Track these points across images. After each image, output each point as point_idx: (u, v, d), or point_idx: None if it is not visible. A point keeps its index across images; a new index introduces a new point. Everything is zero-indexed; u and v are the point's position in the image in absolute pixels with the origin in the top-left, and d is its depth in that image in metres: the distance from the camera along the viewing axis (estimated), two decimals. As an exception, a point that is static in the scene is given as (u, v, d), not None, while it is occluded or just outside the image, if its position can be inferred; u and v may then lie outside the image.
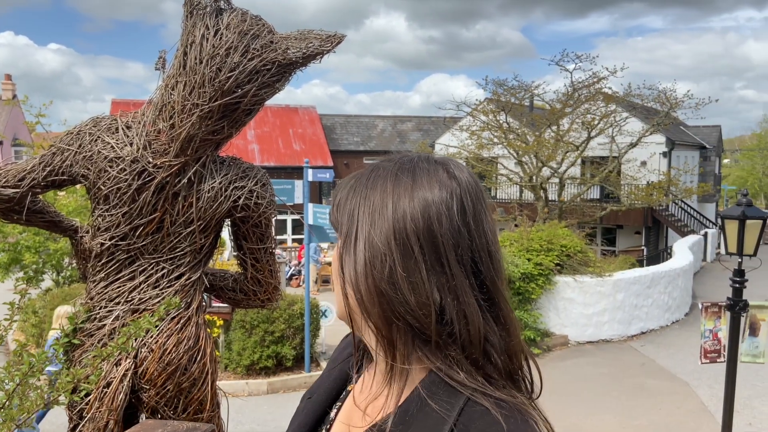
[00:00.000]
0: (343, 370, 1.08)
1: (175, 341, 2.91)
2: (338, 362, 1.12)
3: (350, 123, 33.03)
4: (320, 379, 1.13)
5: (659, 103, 18.40)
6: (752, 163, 56.36)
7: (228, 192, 2.92)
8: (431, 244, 0.85)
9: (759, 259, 5.25)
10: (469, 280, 0.87)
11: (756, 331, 5.17)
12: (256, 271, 3.18)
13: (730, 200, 50.00)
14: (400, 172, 0.90)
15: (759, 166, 55.77)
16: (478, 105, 18.89)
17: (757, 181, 54.65)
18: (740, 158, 59.68)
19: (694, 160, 27.45)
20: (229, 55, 2.72)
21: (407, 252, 0.84)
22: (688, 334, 11.38)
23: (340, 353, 1.14)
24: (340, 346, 1.16)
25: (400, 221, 0.85)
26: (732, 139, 67.25)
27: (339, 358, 1.13)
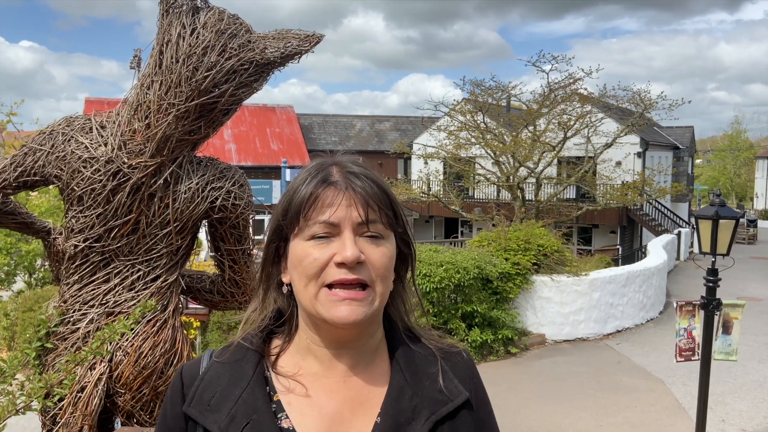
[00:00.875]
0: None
1: (151, 344, 2.87)
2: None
3: (328, 122, 32.93)
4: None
5: (634, 104, 18.62)
6: (724, 163, 57.43)
7: (205, 193, 2.88)
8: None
9: (732, 258, 5.34)
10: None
11: (729, 329, 5.26)
12: (234, 272, 3.15)
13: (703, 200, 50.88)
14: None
15: (730, 166, 56.85)
16: (455, 105, 18.95)
17: (729, 181, 55.69)
18: (712, 158, 60.75)
19: (667, 160, 27.86)
20: (206, 54, 2.69)
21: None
22: (663, 332, 11.54)
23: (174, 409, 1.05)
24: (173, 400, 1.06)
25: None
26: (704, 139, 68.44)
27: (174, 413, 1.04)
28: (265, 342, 1.06)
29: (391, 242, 1.00)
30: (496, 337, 9.64)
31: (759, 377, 9.04)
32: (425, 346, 1.09)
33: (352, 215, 0.95)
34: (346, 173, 0.99)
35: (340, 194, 0.96)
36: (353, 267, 0.94)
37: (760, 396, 8.33)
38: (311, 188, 0.98)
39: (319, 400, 1.00)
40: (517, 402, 7.96)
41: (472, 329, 9.53)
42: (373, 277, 0.96)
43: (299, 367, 1.02)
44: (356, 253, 0.93)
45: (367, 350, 1.04)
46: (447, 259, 9.45)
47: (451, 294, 9.53)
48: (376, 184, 0.98)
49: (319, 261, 0.95)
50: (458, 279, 9.20)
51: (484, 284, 9.93)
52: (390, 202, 0.99)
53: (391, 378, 1.03)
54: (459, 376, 1.07)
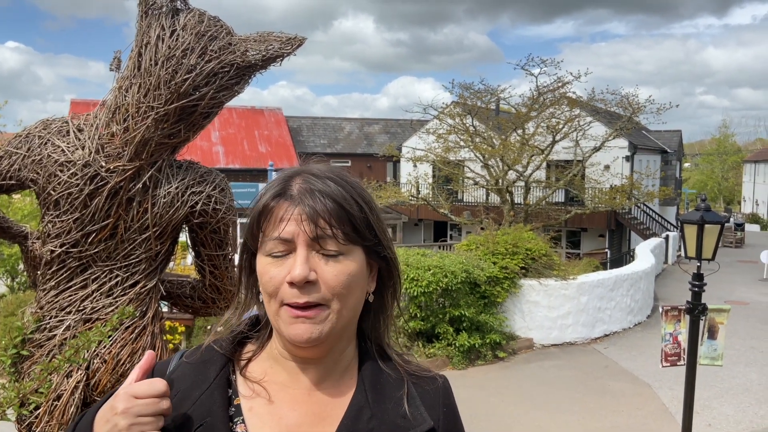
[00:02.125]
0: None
1: (129, 351, 2.82)
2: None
3: (317, 125, 32.87)
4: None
5: (622, 108, 18.72)
6: (711, 167, 57.89)
7: (185, 197, 2.84)
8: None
9: (717, 263, 5.35)
10: None
11: (714, 334, 5.26)
12: (215, 278, 3.10)
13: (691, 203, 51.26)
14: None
15: (718, 170, 57.30)
16: (444, 108, 18.96)
17: (716, 184, 56.15)
18: (700, 162, 61.23)
19: (655, 164, 28.01)
20: (186, 56, 2.65)
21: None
22: (651, 336, 11.56)
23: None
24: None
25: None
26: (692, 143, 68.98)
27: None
28: (237, 347, 1.05)
29: (354, 258, 0.96)
30: (483, 341, 9.61)
31: (745, 381, 9.08)
32: (396, 368, 1.06)
33: (303, 232, 0.92)
34: (305, 187, 0.95)
35: (292, 209, 0.93)
36: (304, 287, 0.91)
37: (747, 400, 8.35)
38: (265, 201, 0.96)
39: (281, 409, 0.99)
40: (504, 407, 7.94)
41: (460, 333, 9.50)
42: (328, 296, 0.93)
43: (266, 374, 1.01)
44: (303, 273, 0.90)
45: (337, 366, 1.02)
46: (435, 263, 9.42)
47: (438, 298, 9.50)
48: (332, 199, 0.93)
49: (275, 280, 0.93)
50: (446, 283, 9.17)
51: (472, 288, 9.91)
52: (348, 216, 0.94)
53: (353, 396, 1.00)
54: (427, 403, 1.04)
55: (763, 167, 46.72)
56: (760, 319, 13.00)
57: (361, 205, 0.96)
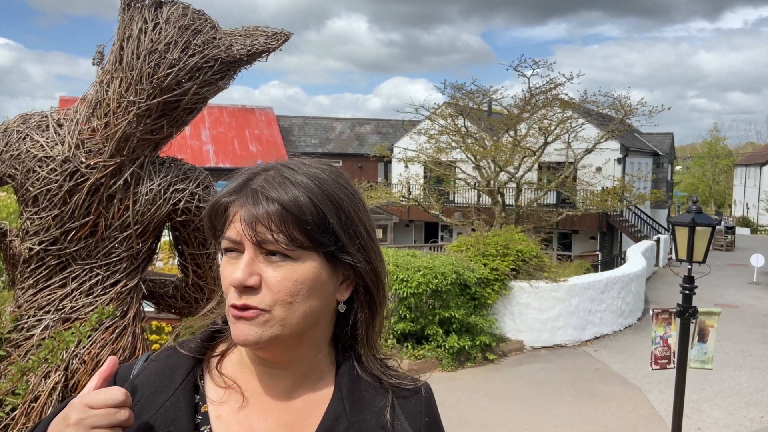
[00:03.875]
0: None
1: (109, 352, 2.76)
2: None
3: (308, 125, 32.78)
4: None
5: (614, 110, 18.75)
6: (703, 170, 58.20)
7: (167, 195, 2.78)
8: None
9: (708, 266, 5.32)
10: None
11: (705, 337, 5.24)
12: (198, 277, 3.05)
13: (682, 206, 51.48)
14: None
15: (709, 173, 57.62)
16: (436, 109, 18.93)
17: (708, 188, 56.45)
18: (691, 165, 61.54)
19: (647, 166, 28.08)
20: (169, 50, 2.59)
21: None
22: (641, 339, 11.56)
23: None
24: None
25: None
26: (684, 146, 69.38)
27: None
28: (208, 345, 0.99)
29: (306, 263, 0.88)
30: (473, 343, 9.57)
31: (735, 384, 9.08)
32: (376, 377, 1.00)
33: (246, 235, 0.87)
34: (255, 188, 0.89)
35: (236, 210, 0.88)
36: (244, 290, 0.86)
37: (736, 403, 8.35)
38: (220, 196, 0.91)
39: (251, 418, 0.93)
40: (494, 409, 7.90)
41: (450, 335, 9.46)
42: (269, 301, 0.87)
43: (237, 378, 0.96)
44: (241, 278, 0.85)
45: (310, 374, 0.97)
46: (425, 264, 9.37)
47: (428, 299, 9.45)
48: (278, 202, 0.86)
49: (226, 280, 0.89)
50: (436, 284, 9.12)
51: (462, 290, 9.86)
52: (296, 220, 0.86)
53: (329, 405, 0.95)
54: (408, 413, 1.00)
55: (753, 171, 46.98)
56: (750, 322, 13.03)
57: (321, 207, 0.89)
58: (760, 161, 45.68)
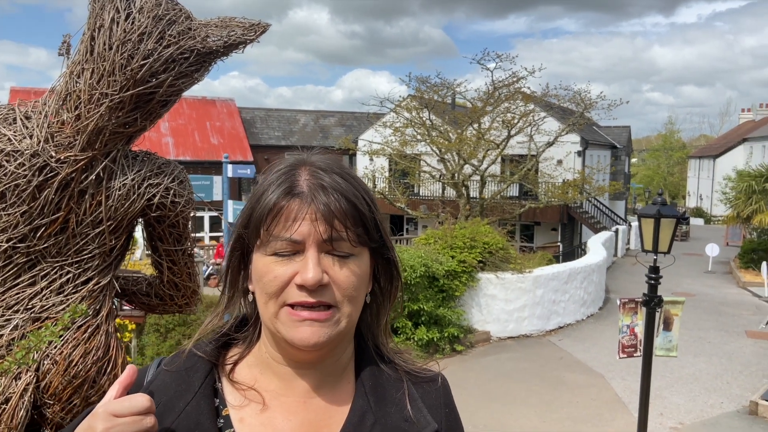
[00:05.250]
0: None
1: (82, 352, 2.69)
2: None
3: (271, 117, 32.44)
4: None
5: (574, 104, 19.03)
6: (658, 163, 59.69)
7: (141, 190, 2.71)
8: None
9: (673, 257, 5.45)
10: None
11: (670, 325, 5.37)
12: (173, 274, 2.98)
13: (638, 198, 52.78)
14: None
15: (664, 165, 59.13)
16: (401, 101, 18.93)
17: (662, 179, 57.86)
18: (647, 158, 63.04)
19: (606, 159, 28.66)
20: (143, 41, 2.52)
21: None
22: (603, 328, 11.82)
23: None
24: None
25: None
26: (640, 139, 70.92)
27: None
28: (221, 350, 0.98)
29: (363, 259, 0.90)
30: (442, 335, 9.65)
31: (694, 371, 9.36)
32: (395, 369, 1.00)
33: (317, 232, 0.85)
34: (314, 183, 0.88)
35: (304, 209, 0.86)
36: (315, 290, 0.85)
37: (696, 389, 8.61)
38: (274, 199, 0.88)
39: (275, 420, 0.92)
40: (462, 400, 7.95)
41: (419, 327, 9.51)
42: (339, 298, 0.87)
43: (256, 381, 0.94)
44: (318, 276, 0.84)
45: (333, 370, 0.96)
46: (393, 257, 9.38)
47: (397, 292, 9.47)
48: (345, 198, 0.87)
49: (280, 279, 0.86)
50: (405, 277, 9.14)
51: (431, 282, 9.92)
52: (360, 216, 0.88)
53: (353, 402, 0.95)
54: (429, 404, 0.99)
55: (707, 163, 48.37)
56: (706, 310, 13.44)
57: (370, 203, 0.91)
58: (713, 153, 47.05)
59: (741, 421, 7.54)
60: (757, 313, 13.71)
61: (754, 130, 43.80)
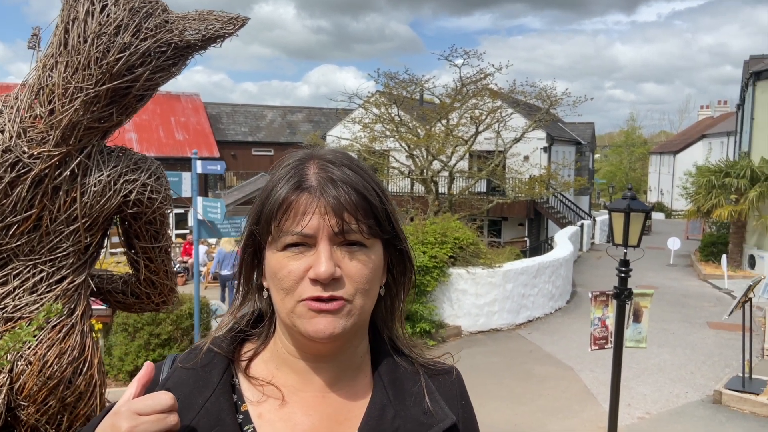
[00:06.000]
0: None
1: (56, 352, 2.63)
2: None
3: (237, 112, 32.09)
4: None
5: (540, 101, 19.25)
6: (620, 158, 60.77)
7: (118, 186, 2.66)
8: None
9: (642, 250, 5.57)
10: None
11: (639, 317, 5.49)
12: (150, 272, 2.93)
13: (602, 193, 53.71)
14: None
15: (626, 161, 60.23)
16: (369, 97, 18.91)
17: (624, 175, 58.95)
18: (609, 153, 64.13)
19: (570, 155, 29.07)
20: (119, 34, 2.46)
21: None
22: (571, 321, 12.01)
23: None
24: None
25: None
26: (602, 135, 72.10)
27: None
28: (236, 346, 0.97)
29: (376, 251, 0.90)
30: (414, 330, 9.69)
31: (659, 362, 9.57)
32: (410, 361, 1.01)
33: (327, 225, 0.85)
34: (323, 176, 0.87)
35: (314, 202, 0.86)
36: (329, 283, 0.85)
37: (662, 380, 8.81)
38: (284, 194, 0.87)
39: (294, 415, 0.91)
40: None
41: (390, 323, 9.53)
42: (352, 291, 0.87)
43: (273, 376, 0.94)
44: (330, 270, 0.84)
45: (350, 364, 0.96)
46: (365, 253, 9.39)
47: (369, 288, 9.48)
48: (355, 190, 0.86)
49: (294, 275, 0.86)
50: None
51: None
52: (371, 208, 0.88)
53: (372, 395, 0.95)
54: (446, 396, 1.00)
55: (667, 158, 49.48)
56: (669, 302, 13.76)
57: (380, 195, 0.90)
58: (673, 149, 48.15)
59: (705, 410, 7.75)
60: (718, 304, 14.10)
61: (712, 126, 44.93)
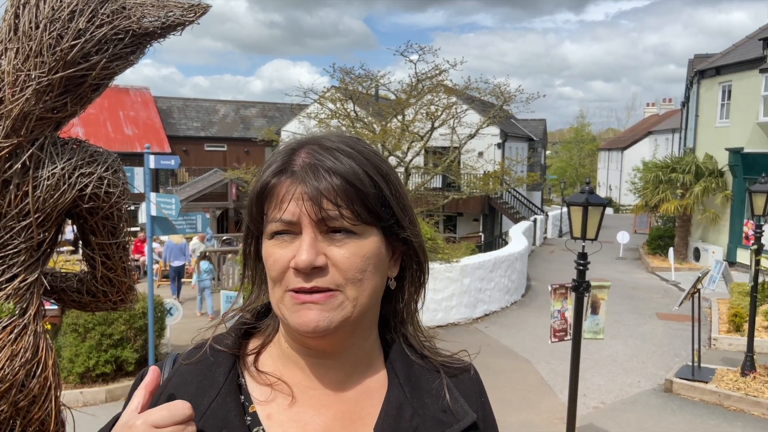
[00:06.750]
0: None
1: (8, 354, 2.49)
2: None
3: (189, 107, 31.46)
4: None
5: (494, 97, 19.46)
6: (570, 155, 62.13)
7: (73, 179, 2.53)
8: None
9: (600, 243, 5.67)
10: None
11: (597, 309, 5.59)
12: (107, 269, 2.81)
13: (553, 188, 54.79)
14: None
15: (576, 157, 61.61)
16: (325, 92, 18.78)
17: (574, 170, 60.30)
18: (560, 150, 65.47)
19: (523, 151, 29.55)
20: (74, 19, 2.35)
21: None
22: (526, 314, 12.21)
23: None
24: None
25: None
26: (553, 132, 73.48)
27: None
28: (241, 342, 0.93)
29: (369, 239, 0.84)
30: (372, 325, 9.67)
31: (612, 352, 9.81)
32: (426, 358, 0.96)
33: (307, 212, 0.81)
34: (308, 161, 0.83)
35: (293, 188, 0.82)
36: (311, 272, 0.80)
37: (615, 370, 9.03)
38: (265, 178, 0.85)
39: (305, 415, 0.87)
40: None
41: (349, 319, 9.49)
42: (341, 280, 0.82)
43: (281, 373, 0.89)
44: (310, 258, 0.79)
45: (360, 360, 0.92)
46: (323, 249, 9.32)
47: (327, 284, 9.41)
48: (340, 175, 0.81)
49: (279, 263, 0.82)
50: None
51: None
52: (358, 194, 0.82)
53: (388, 392, 0.90)
54: (465, 394, 0.96)
55: (615, 155, 50.79)
56: (620, 294, 14.12)
57: (376, 179, 0.85)
58: (621, 146, 49.45)
59: (657, 399, 7.97)
60: (666, 296, 14.55)
61: (658, 123, 46.35)
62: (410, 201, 0.92)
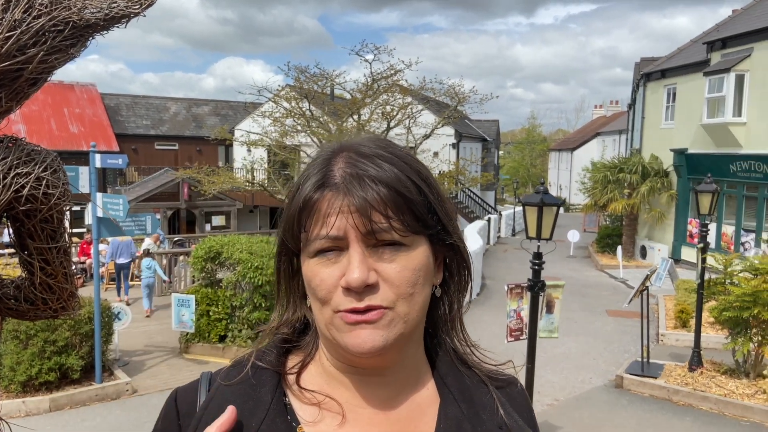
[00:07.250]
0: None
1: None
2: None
3: (138, 104, 30.69)
4: None
5: (449, 98, 19.59)
6: (522, 155, 63.21)
7: (8, 180, 2.37)
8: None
9: (554, 243, 5.71)
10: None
11: (552, 308, 5.64)
12: (47, 275, 2.64)
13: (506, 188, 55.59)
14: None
15: (527, 157, 62.72)
16: (279, 91, 18.56)
17: (526, 170, 61.38)
18: (512, 150, 66.53)
19: (477, 151, 29.87)
20: (9, 10, 2.20)
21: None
22: (481, 312, 12.30)
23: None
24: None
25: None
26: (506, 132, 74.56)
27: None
28: (282, 358, 0.87)
29: (418, 249, 0.79)
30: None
31: (565, 350, 9.96)
32: (472, 370, 0.91)
33: (354, 226, 0.75)
34: (349, 171, 0.77)
35: (338, 201, 0.75)
36: (362, 291, 0.75)
37: (568, 367, 9.16)
38: (306, 193, 0.78)
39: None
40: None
41: (304, 320, 9.37)
42: (393, 297, 0.76)
43: (326, 392, 0.84)
44: (362, 276, 0.74)
45: (408, 375, 0.86)
46: (277, 250, 9.18)
47: (282, 286, 9.28)
48: (385, 184, 0.75)
49: (326, 283, 0.77)
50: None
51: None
52: (406, 203, 0.77)
53: (442, 409, 0.85)
54: (516, 409, 0.91)
55: (565, 155, 51.87)
56: (571, 292, 14.37)
57: (420, 186, 0.79)
58: (570, 146, 50.54)
59: (609, 395, 8.12)
60: (615, 293, 14.88)
61: (606, 125, 47.51)
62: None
